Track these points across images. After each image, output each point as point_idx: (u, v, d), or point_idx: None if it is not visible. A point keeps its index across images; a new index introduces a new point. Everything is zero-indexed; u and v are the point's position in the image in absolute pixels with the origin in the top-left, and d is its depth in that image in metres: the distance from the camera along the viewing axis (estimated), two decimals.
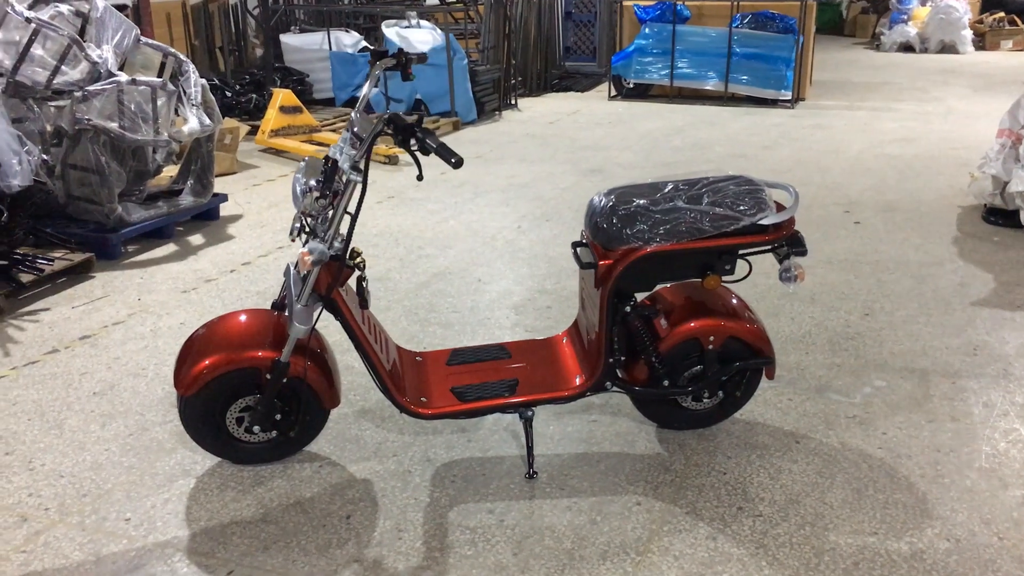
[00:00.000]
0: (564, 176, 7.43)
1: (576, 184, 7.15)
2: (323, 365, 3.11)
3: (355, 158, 2.81)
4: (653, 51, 11.18)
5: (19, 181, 4.55)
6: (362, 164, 2.84)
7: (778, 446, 3.32)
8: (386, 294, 4.83)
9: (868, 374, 3.87)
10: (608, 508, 2.97)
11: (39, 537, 2.83)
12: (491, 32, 10.59)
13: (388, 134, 2.78)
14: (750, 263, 3.20)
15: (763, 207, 2.98)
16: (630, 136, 9.14)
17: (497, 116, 10.32)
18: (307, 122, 8.50)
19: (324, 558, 2.73)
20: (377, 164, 7.90)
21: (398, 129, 2.74)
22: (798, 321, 4.44)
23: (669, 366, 3.19)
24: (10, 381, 3.88)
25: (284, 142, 8.10)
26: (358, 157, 2.80)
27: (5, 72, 5.26)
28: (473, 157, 8.19)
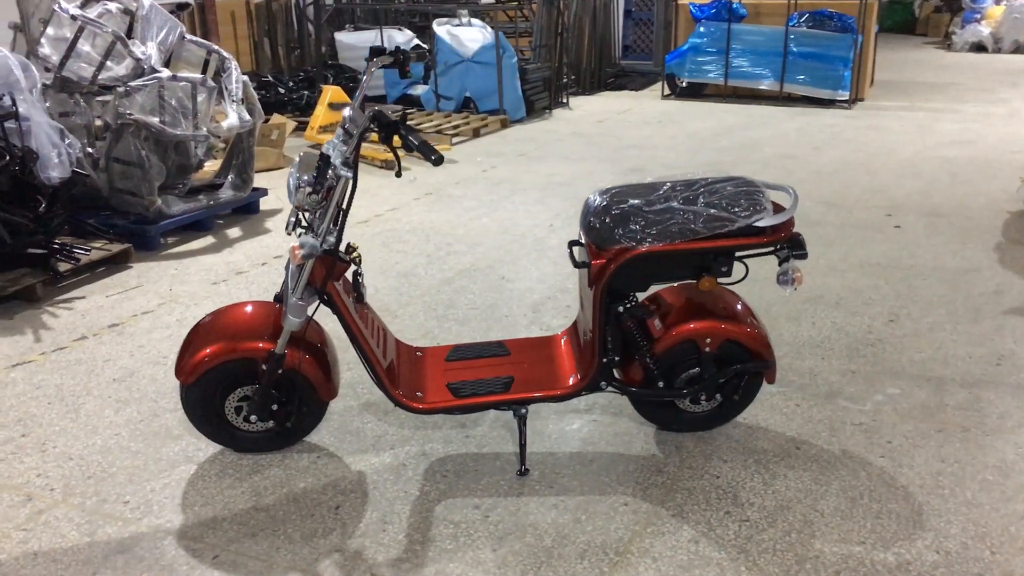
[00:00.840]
0: (604, 175, 7.41)
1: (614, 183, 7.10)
2: (321, 358, 3.17)
3: (346, 154, 2.85)
4: (707, 50, 11.06)
5: (57, 173, 4.72)
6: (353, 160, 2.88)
7: (777, 451, 3.28)
8: (409, 289, 4.89)
9: (882, 381, 3.79)
10: (594, 508, 2.97)
11: (40, 516, 2.94)
12: (543, 30, 10.60)
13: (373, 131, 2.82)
14: (747, 266, 3.17)
15: (759, 209, 2.94)
16: (678, 135, 9.06)
17: (547, 114, 10.32)
18: None
19: (307, 546, 2.78)
20: (419, 160, 7.97)
21: (382, 126, 2.78)
22: (818, 326, 4.36)
23: (664, 367, 3.17)
24: (37, 366, 4.03)
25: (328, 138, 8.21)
26: (348, 153, 2.85)
27: (52, 67, 5.45)
28: (516, 155, 8.22)
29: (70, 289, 4.94)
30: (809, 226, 5.93)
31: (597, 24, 12.17)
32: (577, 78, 11.79)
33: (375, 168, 7.74)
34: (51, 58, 5.47)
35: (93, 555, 2.75)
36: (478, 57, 9.50)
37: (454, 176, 7.45)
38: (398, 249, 5.56)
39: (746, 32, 10.91)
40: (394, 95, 10.36)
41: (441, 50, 9.67)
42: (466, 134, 9.03)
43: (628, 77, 12.86)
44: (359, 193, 6.91)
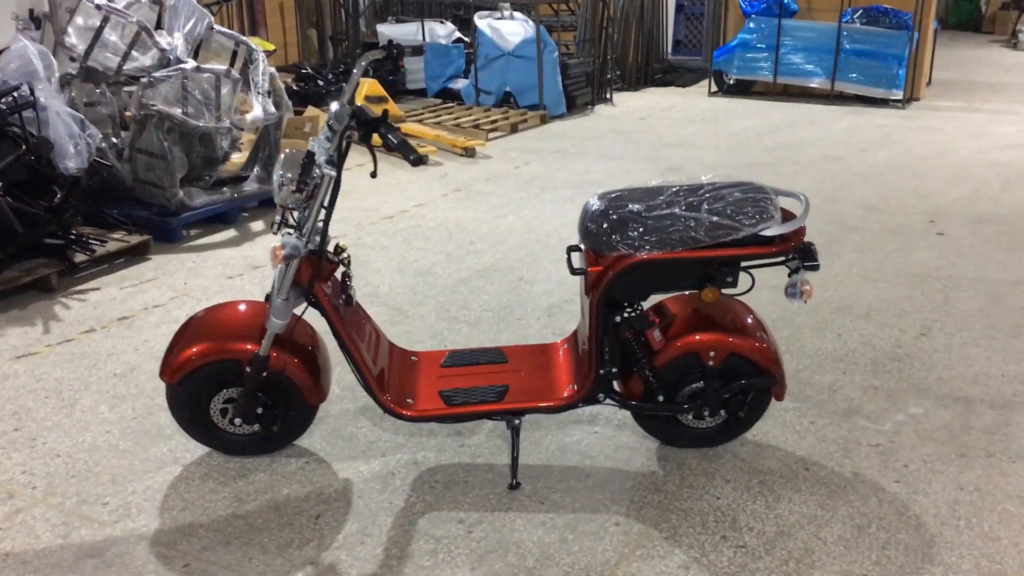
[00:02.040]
0: (640, 174, 7.23)
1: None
2: (309, 360, 3.07)
3: (329, 151, 2.75)
4: (757, 46, 10.78)
5: (74, 164, 4.70)
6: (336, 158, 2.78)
7: (784, 472, 3.10)
8: (424, 288, 4.78)
9: (906, 400, 3.59)
10: (584, 526, 2.83)
11: (18, 515, 2.89)
12: (587, 24, 10.42)
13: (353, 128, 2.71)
14: (753, 277, 3.00)
15: (766, 217, 2.78)
16: (721, 134, 8.83)
17: (588, 110, 10.15)
18: (392, 112, 8.49)
19: (281, 558, 2.69)
20: (453, 156, 7.87)
21: (361, 123, 2.68)
22: (844, 338, 4.16)
23: (666, 381, 3.02)
24: (41, 358, 4.00)
25: None
26: (332, 151, 2.75)
27: (78, 57, 5.45)
28: (552, 152, 8.07)
29: (87, 280, 4.93)
30: (846, 231, 5.70)
31: (644, 19, 11.94)
32: (622, 74, 11.59)
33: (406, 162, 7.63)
34: (77, 48, 5.47)
35: (64, 558, 2.69)
36: (519, 51, 9.37)
37: (486, 172, 7.33)
38: (418, 246, 5.46)
39: (797, 28, 10.60)
40: (434, 88, 10.27)
41: (482, 44, 9.56)
42: (504, 129, 8.90)
43: (676, 73, 12.61)
44: (383, 186, 6.83)
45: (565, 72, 9.72)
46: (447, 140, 8.01)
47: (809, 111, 10.08)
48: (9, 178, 4.45)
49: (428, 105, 9.77)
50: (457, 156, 7.88)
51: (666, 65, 12.77)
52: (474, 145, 7.90)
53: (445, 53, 10.17)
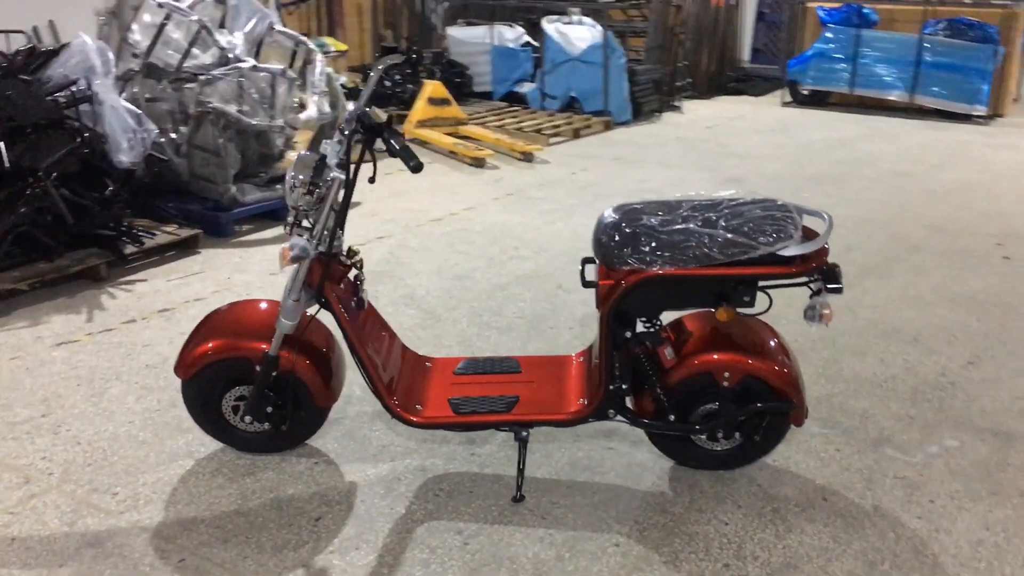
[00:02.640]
0: (697, 183, 7.10)
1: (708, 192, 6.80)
2: (321, 362, 3.08)
3: (339, 154, 2.75)
4: (834, 56, 10.52)
5: (127, 158, 4.81)
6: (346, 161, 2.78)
7: (801, 501, 2.99)
8: (460, 293, 4.77)
9: (942, 431, 3.43)
10: (583, 545, 2.77)
11: (31, 500, 2.96)
12: (658, 31, 10.29)
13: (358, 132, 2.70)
14: (771, 297, 2.89)
15: (784, 236, 2.68)
16: (788, 145, 8.63)
17: (655, 118, 10.03)
18: (454, 114, 8.57)
19: (275, 558, 2.70)
20: (511, 160, 7.85)
21: (366, 128, 2.68)
22: (887, 363, 4.00)
23: (679, 400, 2.94)
24: (80, 346, 4.10)
25: (427, 133, 8.20)
26: (341, 154, 2.74)
27: (140, 54, 5.59)
28: (611, 159, 7.99)
29: (136, 271, 5.04)
30: (905, 251, 5.50)
31: (719, 26, 11.75)
32: (693, 81, 11.42)
33: (464, 165, 7.66)
34: (140, 44, 5.60)
35: (66, 546, 2.74)
36: (585, 56, 9.31)
37: (541, 177, 7.29)
38: (462, 250, 5.45)
39: (876, 39, 10.32)
40: (501, 92, 10.27)
41: (549, 48, 9.52)
42: (566, 135, 8.85)
43: (750, 82, 12.38)
44: (436, 188, 6.85)
45: (632, 78, 9.63)
46: (506, 144, 7.99)
47: (885, 124, 9.80)
48: (63, 169, 4.58)
49: (493, 108, 9.78)
50: (515, 160, 7.86)
51: (741, 73, 12.55)
52: (532, 150, 7.86)
53: (512, 56, 10.17)
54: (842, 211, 6.35)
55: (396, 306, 4.60)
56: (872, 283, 4.96)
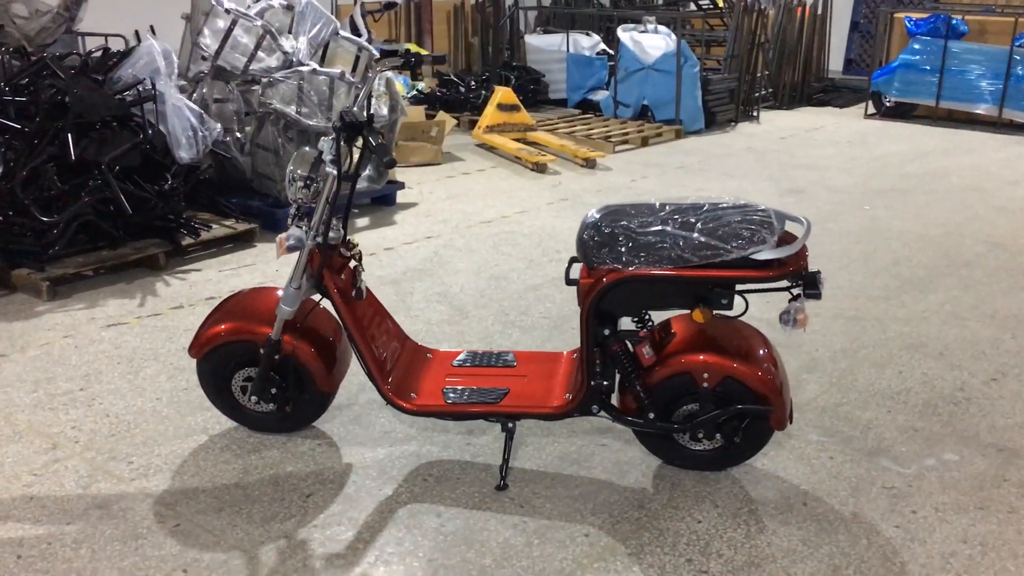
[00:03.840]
0: (756, 194, 7.07)
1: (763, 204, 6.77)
2: (324, 349, 3.25)
3: (331, 151, 2.91)
4: (920, 68, 10.26)
5: (186, 154, 5.11)
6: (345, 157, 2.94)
7: (780, 504, 3.02)
8: (493, 292, 4.90)
9: (944, 445, 3.40)
10: (552, 534, 2.86)
11: (54, 464, 3.22)
12: (738, 40, 10.23)
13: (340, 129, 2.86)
14: (746, 300, 2.93)
15: (759, 241, 2.73)
16: (861, 158, 8.49)
17: (730, 127, 9.97)
18: (523, 120, 8.71)
19: (261, 528, 2.87)
20: (573, 166, 7.95)
21: (346, 126, 2.82)
22: (904, 375, 3.96)
23: (660, 398, 3.01)
24: (128, 328, 4.39)
25: (494, 138, 8.37)
26: (333, 150, 2.91)
27: (209, 56, 5.91)
28: (675, 168, 8.01)
29: (193, 261, 5.34)
30: (954, 266, 5.38)
31: (804, 35, 11.59)
32: (775, 91, 11.29)
33: (526, 170, 7.79)
34: (210, 48, 5.92)
35: (77, 506, 2.97)
36: (658, 65, 9.33)
37: (600, 184, 7.37)
38: (505, 252, 5.58)
39: (965, 51, 10.03)
40: (575, 99, 10.38)
41: (623, 56, 9.58)
42: (635, 142, 8.90)
43: (836, 93, 12.16)
44: (494, 192, 7.00)
45: (706, 88, 9.60)
46: (569, 150, 8.10)
47: (969, 138, 9.52)
48: (125, 163, 4.90)
49: (565, 115, 9.89)
50: (577, 167, 7.95)
51: (826, 84, 12.34)
52: (595, 156, 7.94)
53: (588, 64, 10.26)
54: (898, 225, 6.24)
55: (428, 302, 4.76)
56: (910, 297, 4.89)
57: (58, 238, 4.73)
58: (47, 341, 4.22)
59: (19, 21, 7.84)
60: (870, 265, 5.41)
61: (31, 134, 4.74)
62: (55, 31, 7.96)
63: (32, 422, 3.50)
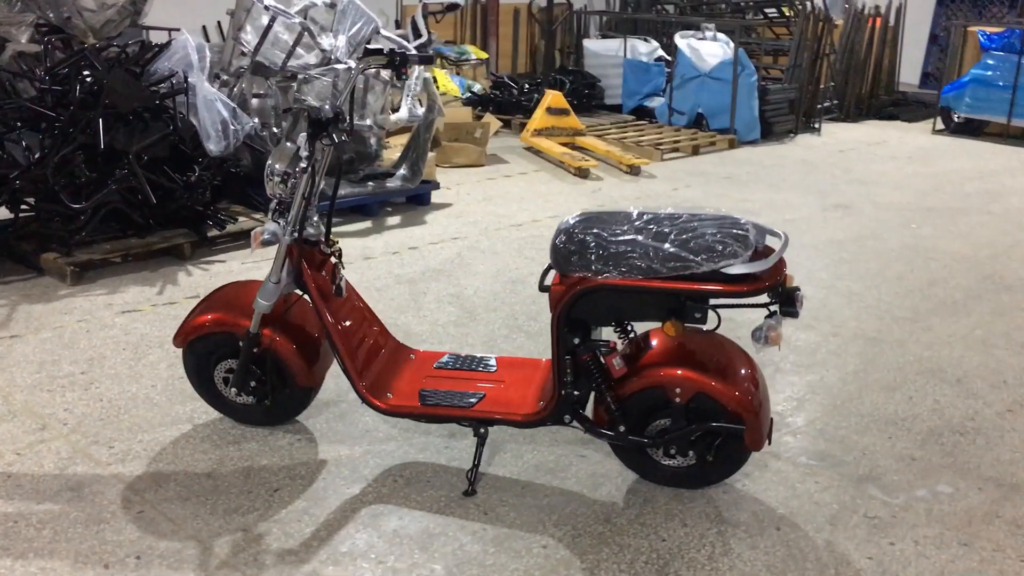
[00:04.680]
0: (800, 208, 6.89)
1: (804, 217, 6.60)
2: (304, 345, 3.26)
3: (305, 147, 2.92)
4: (993, 83, 9.88)
5: (215, 147, 5.19)
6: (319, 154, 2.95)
7: (752, 527, 2.92)
8: (506, 296, 4.86)
9: (939, 476, 3.24)
10: (511, 543, 2.81)
11: (40, 445, 3.29)
12: (801, 49, 10.00)
13: None
14: (719, 315, 2.84)
15: (729, 255, 2.64)
16: (919, 175, 8.21)
17: (788, 139, 9.74)
18: (572, 125, 8.65)
19: (222, 520, 2.89)
20: (617, 173, 7.86)
21: (312, 122, 2.82)
22: (914, 401, 3.81)
23: (632, 411, 2.94)
24: (141, 315, 4.48)
25: (541, 142, 8.33)
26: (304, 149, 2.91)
27: (249, 52, 6.00)
28: (721, 178, 7.86)
29: (219, 252, 5.43)
30: (995, 290, 5.16)
31: (874, 47, 11.27)
32: (840, 103, 11.00)
33: (568, 174, 7.73)
34: (250, 44, 6.01)
35: (50, 487, 3.03)
36: (715, 73, 9.17)
37: (641, 191, 7.27)
38: (528, 256, 5.54)
39: None
40: (630, 105, 10.27)
41: (680, 63, 9.45)
42: (685, 151, 8.76)
43: (907, 107, 11.79)
44: (531, 196, 6.96)
45: (764, 97, 9.40)
46: (615, 156, 8.01)
47: None
48: (153, 154, 5.00)
49: (618, 121, 9.79)
50: (622, 173, 7.86)
51: (897, 97, 11.97)
52: (640, 163, 7.84)
53: (644, 70, 10.15)
54: (944, 245, 6.01)
55: (440, 303, 4.75)
56: (939, 320, 4.70)
57: (85, 224, 4.85)
58: (61, 324, 4.33)
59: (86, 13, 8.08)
60: (903, 285, 5.22)
61: (66, 123, 4.87)
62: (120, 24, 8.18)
63: (28, 402, 3.59)
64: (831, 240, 6.07)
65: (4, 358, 3.96)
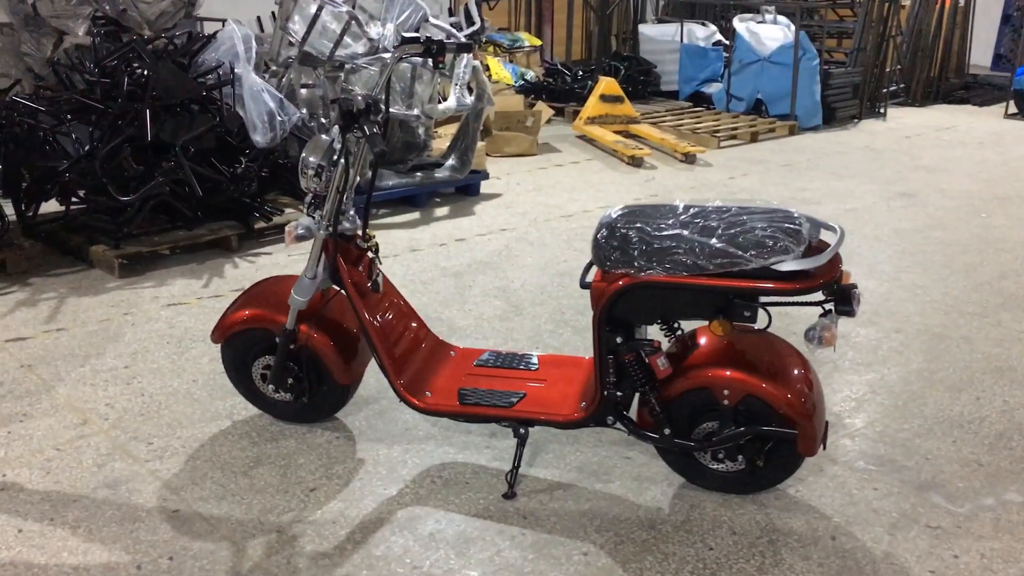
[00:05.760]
0: (861, 196, 6.65)
1: (867, 207, 6.37)
2: (342, 341, 3.19)
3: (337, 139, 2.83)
4: None
5: (262, 139, 5.16)
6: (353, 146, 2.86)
7: (806, 537, 2.77)
8: (553, 289, 4.75)
9: (1009, 483, 3.06)
10: (549, 550, 2.71)
11: (80, 440, 3.27)
12: (866, 32, 9.67)
13: None
14: (769, 314, 2.69)
15: (780, 251, 2.50)
16: (990, 161, 7.88)
17: (852, 124, 9.45)
18: (626, 112, 8.48)
19: (257, 520, 2.83)
20: (672, 161, 7.68)
21: (342, 114, 2.73)
22: (981, 402, 3.61)
23: (677, 413, 2.81)
24: (186, 308, 4.46)
25: (594, 130, 8.18)
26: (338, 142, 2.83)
27: (296, 42, 5.95)
28: (780, 165, 7.63)
29: (266, 244, 5.40)
30: None
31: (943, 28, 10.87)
32: (907, 87, 10.64)
33: (621, 163, 7.58)
34: (298, 33, 5.97)
35: (88, 483, 3.01)
36: (775, 57, 8.92)
37: (695, 180, 7.09)
38: (578, 248, 5.42)
39: None
40: (687, 91, 10.05)
41: (738, 47, 9.21)
42: (743, 137, 8.54)
43: (979, 90, 11.36)
44: (582, 185, 6.82)
45: (826, 82, 9.12)
46: (670, 144, 7.83)
47: None
48: (200, 145, 4.98)
49: (673, 108, 9.59)
50: (676, 162, 7.68)
51: (967, 80, 11.54)
52: (695, 151, 7.65)
53: (702, 55, 9.91)
54: (1016, 235, 5.74)
55: (486, 296, 4.65)
56: (1010, 315, 4.47)
57: (132, 217, 4.85)
58: (107, 317, 4.33)
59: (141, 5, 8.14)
60: (971, 278, 4.98)
61: (114, 115, 4.87)
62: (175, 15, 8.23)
63: (71, 396, 3.58)
64: (895, 230, 5.84)
65: (50, 351, 3.97)
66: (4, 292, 4.62)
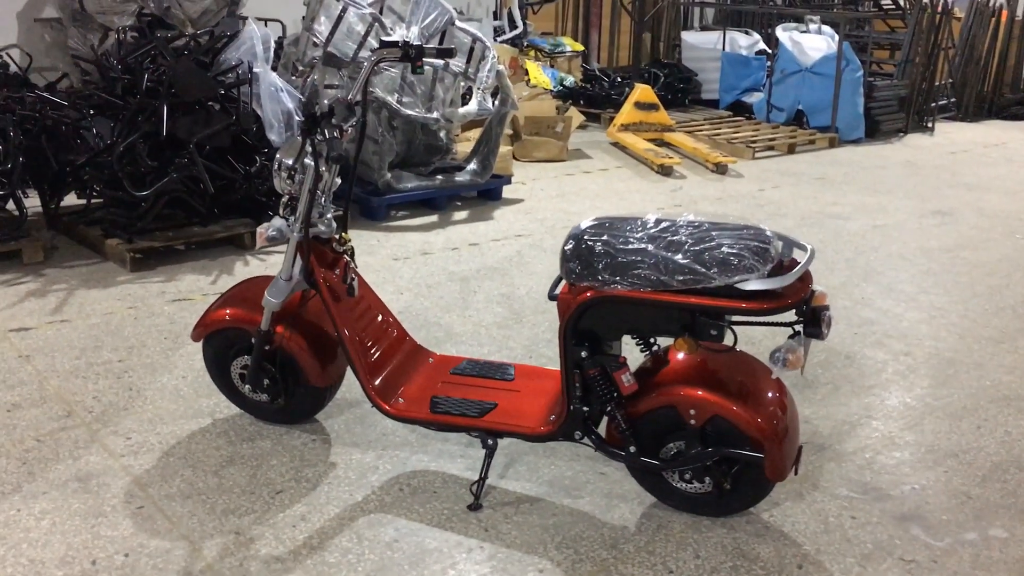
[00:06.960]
0: (894, 213, 6.48)
1: (897, 223, 6.20)
2: (318, 344, 3.18)
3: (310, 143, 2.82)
4: None
5: (277, 137, 5.18)
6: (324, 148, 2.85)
7: (771, 564, 2.69)
8: None
9: (996, 518, 2.93)
10: (506, 565, 2.67)
11: (61, 432, 3.31)
12: (914, 44, 9.44)
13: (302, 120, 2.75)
14: (735, 333, 2.62)
15: (747, 269, 2.42)
16: None
17: (896, 138, 9.22)
18: (660, 120, 8.39)
19: (219, 520, 2.83)
20: (703, 171, 7.57)
21: (307, 118, 2.71)
22: (982, 431, 3.48)
23: (645, 431, 2.75)
24: (190, 304, 4.50)
25: (626, 137, 8.10)
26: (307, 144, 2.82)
27: (320, 43, 5.98)
28: (813, 178, 7.47)
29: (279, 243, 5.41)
30: None
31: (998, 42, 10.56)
32: (958, 101, 10.35)
33: (650, 172, 7.49)
34: (322, 34, 6.00)
35: (61, 475, 3.04)
36: (817, 68, 8.74)
37: (723, 191, 6.97)
38: None
39: None
40: (728, 100, 9.91)
41: (781, 57, 9.05)
42: (780, 149, 8.38)
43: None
44: (607, 193, 6.75)
45: (870, 94, 8.91)
46: (702, 154, 7.71)
47: None
48: (215, 143, 5.03)
49: (712, 117, 9.46)
50: (707, 172, 7.56)
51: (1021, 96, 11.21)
52: (727, 162, 7.53)
53: (744, 64, 9.76)
54: None
55: (489, 303, 4.62)
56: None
57: (146, 212, 4.92)
58: (111, 310, 4.39)
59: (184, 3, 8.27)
60: (994, 301, 4.81)
61: (133, 111, 4.94)
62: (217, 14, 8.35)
63: (61, 388, 3.63)
64: (922, 248, 5.67)
65: (50, 343, 4.03)
66: (17, 282, 4.71)
